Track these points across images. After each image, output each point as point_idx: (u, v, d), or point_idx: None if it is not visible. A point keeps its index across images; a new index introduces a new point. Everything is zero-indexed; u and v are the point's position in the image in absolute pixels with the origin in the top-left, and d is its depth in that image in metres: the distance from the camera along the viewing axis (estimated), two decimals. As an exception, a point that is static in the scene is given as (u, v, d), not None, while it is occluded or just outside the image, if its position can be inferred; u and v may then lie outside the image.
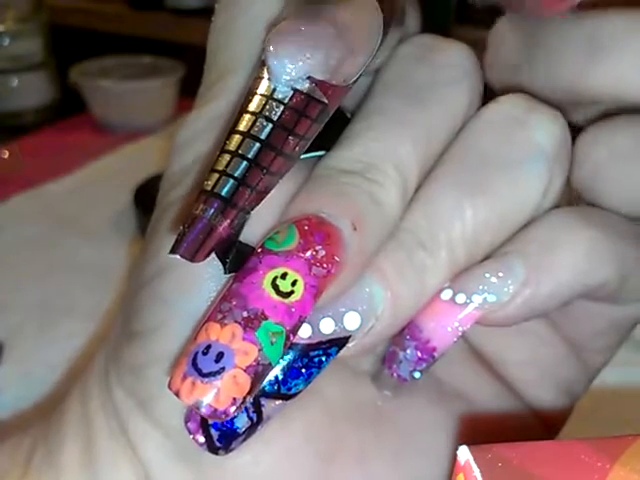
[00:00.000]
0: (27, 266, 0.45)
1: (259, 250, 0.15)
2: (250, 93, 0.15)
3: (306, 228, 0.15)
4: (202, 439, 0.16)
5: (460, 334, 0.17)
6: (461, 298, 0.17)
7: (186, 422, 0.16)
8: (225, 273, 0.15)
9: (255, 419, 0.16)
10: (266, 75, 0.14)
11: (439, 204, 0.17)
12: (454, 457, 0.13)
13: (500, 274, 0.17)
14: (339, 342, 0.16)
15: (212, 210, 0.14)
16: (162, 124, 0.66)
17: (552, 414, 0.20)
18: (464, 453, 0.13)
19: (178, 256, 0.14)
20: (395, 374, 0.18)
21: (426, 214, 0.17)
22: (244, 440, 0.16)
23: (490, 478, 0.12)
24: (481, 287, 0.17)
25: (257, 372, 0.14)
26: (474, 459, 0.13)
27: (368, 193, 0.16)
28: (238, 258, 0.15)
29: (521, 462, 0.13)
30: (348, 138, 0.17)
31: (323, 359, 0.16)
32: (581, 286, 0.17)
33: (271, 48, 0.14)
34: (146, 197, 0.48)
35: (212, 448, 0.16)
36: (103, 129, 0.66)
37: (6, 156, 0.61)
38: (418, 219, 0.17)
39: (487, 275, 0.17)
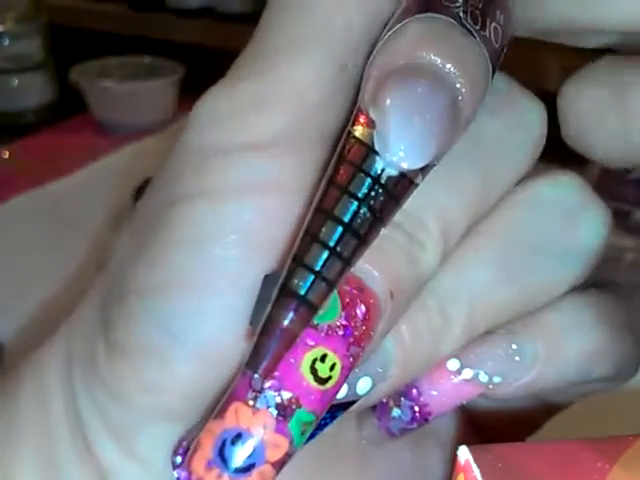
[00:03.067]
0: (27, 266, 0.45)
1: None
2: (347, 161, 0.13)
3: (347, 300, 0.13)
4: None
5: (458, 404, 0.17)
6: (468, 373, 0.16)
7: (175, 467, 0.14)
8: (250, 324, 0.14)
9: None
10: (368, 140, 0.13)
11: (471, 276, 0.16)
12: (454, 457, 0.13)
13: (511, 357, 0.16)
14: (346, 405, 0.15)
15: (294, 315, 0.13)
16: (162, 124, 0.66)
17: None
18: (464, 453, 0.13)
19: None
20: (384, 428, 0.17)
21: (455, 282, 0.16)
22: None
23: (490, 478, 0.12)
24: (490, 364, 0.16)
25: (284, 463, 0.13)
26: (474, 459, 0.13)
27: (407, 251, 0.15)
28: (261, 308, 0.13)
29: (521, 462, 0.13)
30: None
31: (328, 422, 0.15)
32: (580, 380, 0.17)
33: (389, 119, 0.12)
34: (146, 197, 0.49)
35: None
36: (103, 129, 0.66)
37: (6, 156, 0.61)
38: (446, 284, 0.16)
39: (498, 352, 0.16)
